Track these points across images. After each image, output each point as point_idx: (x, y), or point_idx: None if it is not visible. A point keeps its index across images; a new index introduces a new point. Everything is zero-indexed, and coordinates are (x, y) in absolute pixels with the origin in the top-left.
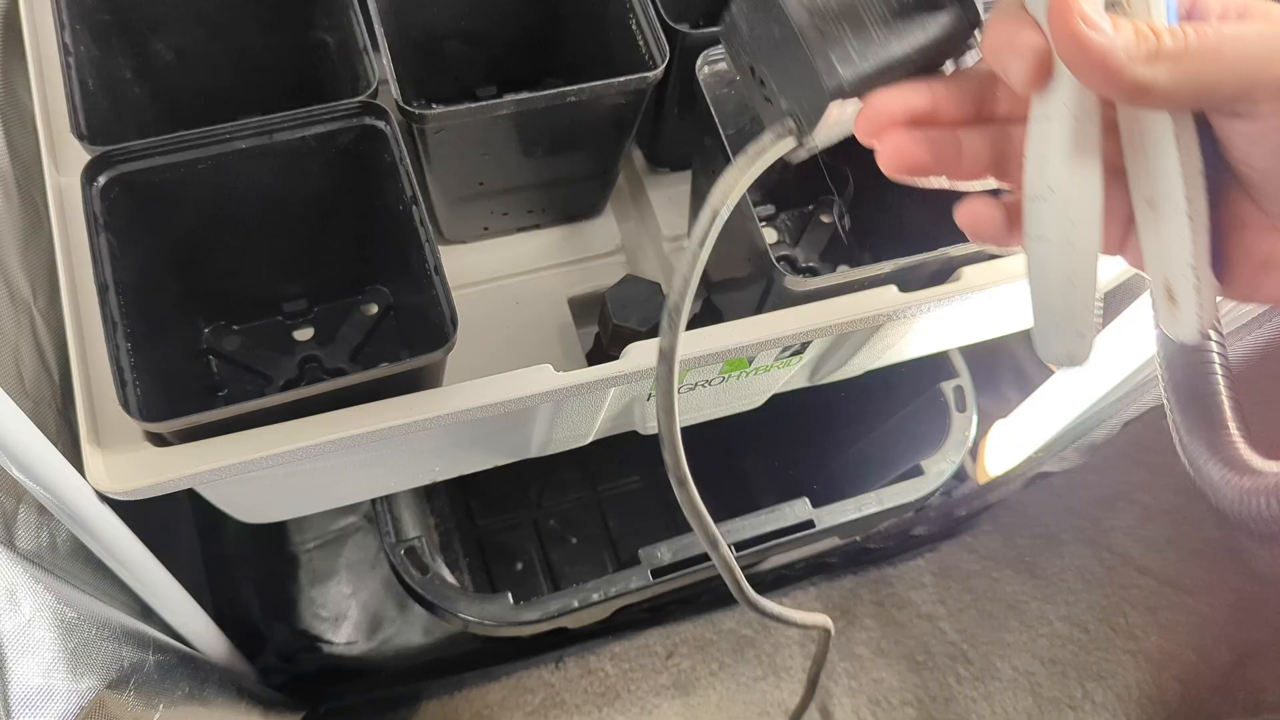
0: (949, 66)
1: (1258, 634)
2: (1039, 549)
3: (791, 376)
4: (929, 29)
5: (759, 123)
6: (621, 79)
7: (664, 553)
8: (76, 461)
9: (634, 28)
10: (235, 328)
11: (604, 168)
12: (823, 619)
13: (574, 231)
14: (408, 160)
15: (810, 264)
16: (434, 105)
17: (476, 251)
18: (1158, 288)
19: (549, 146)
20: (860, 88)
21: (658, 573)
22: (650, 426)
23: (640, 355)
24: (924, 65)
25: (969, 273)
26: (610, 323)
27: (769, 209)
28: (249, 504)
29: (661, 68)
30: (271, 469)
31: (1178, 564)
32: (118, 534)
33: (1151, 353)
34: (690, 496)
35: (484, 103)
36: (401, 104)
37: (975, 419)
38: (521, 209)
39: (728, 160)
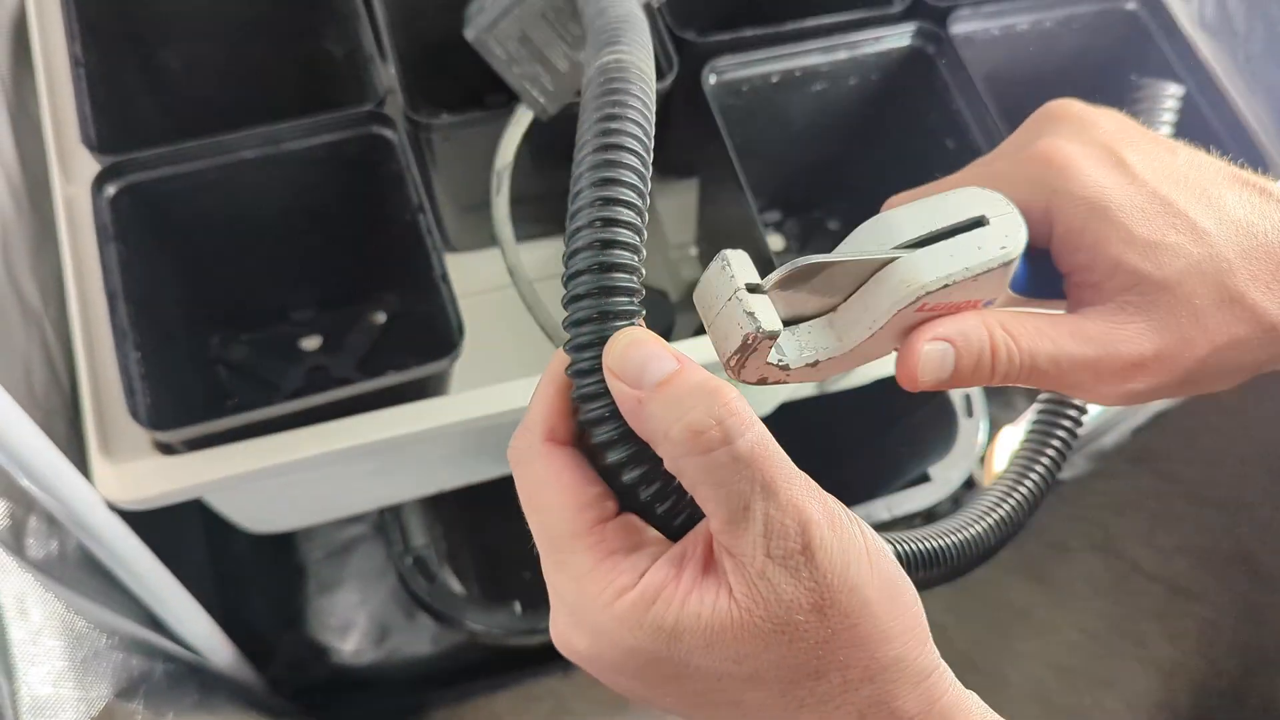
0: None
1: (1268, 642)
2: (1048, 556)
3: (799, 384)
4: None
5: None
6: None
7: None
8: (85, 471)
9: None
10: (243, 337)
11: None
12: None
13: None
14: (414, 169)
15: None
16: (442, 113)
17: (483, 260)
18: None
19: (556, 157)
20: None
21: None
22: None
23: None
24: None
25: None
26: None
27: (775, 215)
28: (257, 514)
29: (670, 79)
30: (279, 478)
31: (1187, 571)
32: (126, 543)
33: None
34: None
35: (491, 110)
36: (408, 112)
37: (984, 425)
38: (528, 218)
39: (734, 170)
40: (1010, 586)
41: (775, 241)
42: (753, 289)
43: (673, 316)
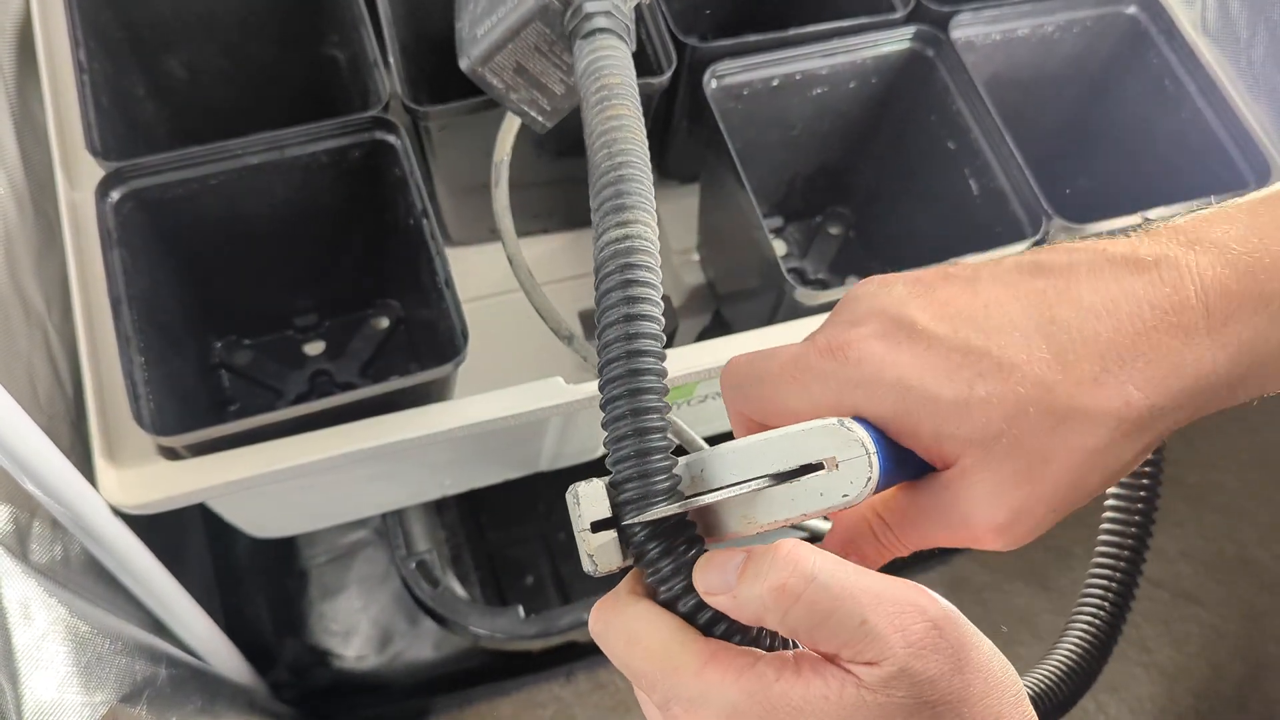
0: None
1: (1272, 647)
2: (1050, 561)
3: None
4: (516, 11)
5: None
6: None
7: None
8: (90, 475)
9: (642, 36)
10: (247, 342)
11: None
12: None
13: (582, 241)
14: (418, 174)
15: (820, 276)
16: (440, 102)
17: (484, 257)
18: None
19: (555, 149)
20: (484, 62)
21: None
22: None
23: None
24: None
25: None
26: None
27: (777, 221)
28: (260, 519)
29: (669, 74)
30: (282, 483)
31: (1190, 576)
32: (130, 548)
33: None
34: None
35: (488, 98)
36: (407, 101)
37: None
38: (528, 211)
39: (736, 173)
40: (1013, 592)
41: (778, 246)
42: (599, 526)
43: (675, 322)
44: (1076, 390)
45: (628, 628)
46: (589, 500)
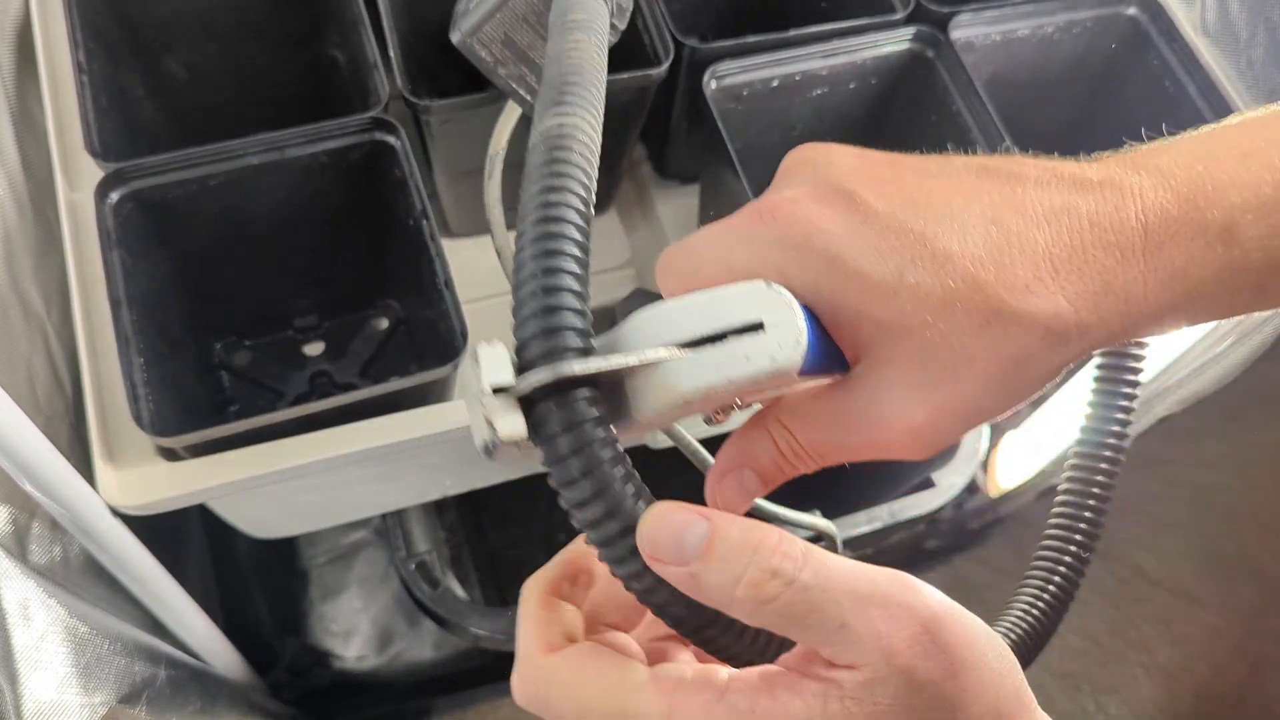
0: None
1: (1271, 647)
2: None
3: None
4: None
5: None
6: (627, 74)
7: None
8: (89, 476)
9: (640, 27)
10: (246, 343)
11: (609, 164)
12: (824, 523)
13: None
14: (418, 174)
15: None
16: (437, 97)
17: (483, 251)
18: None
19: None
20: (473, 33)
21: None
22: (660, 441)
23: None
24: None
25: None
26: None
27: None
28: (260, 519)
29: (666, 65)
30: (282, 483)
31: (1190, 576)
32: (130, 549)
33: (1160, 369)
34: None
35: (486, 93)
36: (406, 94)
37: (986, 431)
38: None
39: (736, 174)
40: (1013, 592)
41: None
42: (500, 390)
43: None
44: (1007, 294)
45: (570, 695)
46: (490, 361)
